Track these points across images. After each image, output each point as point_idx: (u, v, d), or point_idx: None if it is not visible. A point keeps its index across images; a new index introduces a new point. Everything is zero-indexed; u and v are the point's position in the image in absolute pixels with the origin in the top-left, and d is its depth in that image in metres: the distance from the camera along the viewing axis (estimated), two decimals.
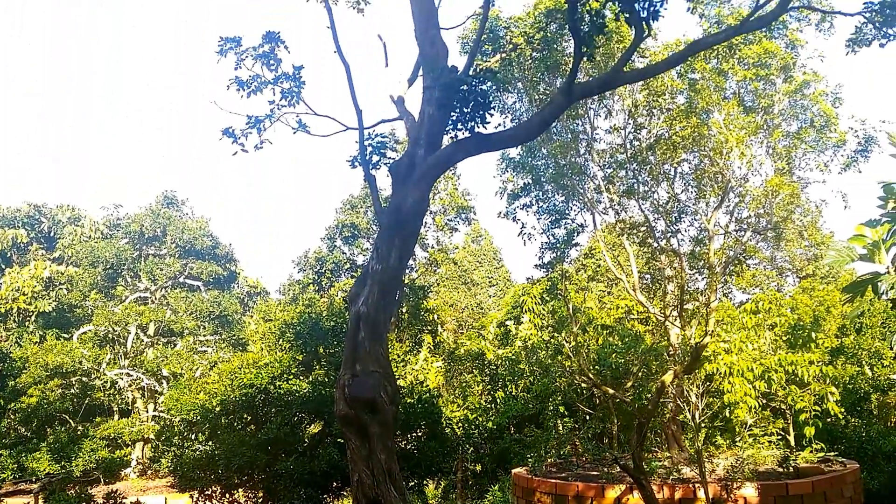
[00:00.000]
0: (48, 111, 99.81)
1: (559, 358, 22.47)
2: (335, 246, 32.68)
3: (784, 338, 21.19)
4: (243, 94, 12.67)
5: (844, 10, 11.87)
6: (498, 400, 26.28)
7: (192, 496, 16.44)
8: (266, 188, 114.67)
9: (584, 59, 9.92)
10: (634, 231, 19.29)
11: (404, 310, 28.50)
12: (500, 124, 21.24)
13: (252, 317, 35.02)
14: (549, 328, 23.69)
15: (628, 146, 18.94)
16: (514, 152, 21.19)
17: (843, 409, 18.70)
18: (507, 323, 28.39)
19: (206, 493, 15.70)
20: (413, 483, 15.54)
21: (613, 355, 21.62)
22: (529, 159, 20.78)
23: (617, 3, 8.96)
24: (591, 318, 23.66)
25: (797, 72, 18.22)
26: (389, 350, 13.88)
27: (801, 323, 21.03)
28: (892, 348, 19.62)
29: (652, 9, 8.57)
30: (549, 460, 20.45)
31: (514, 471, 20.25)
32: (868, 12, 11.11)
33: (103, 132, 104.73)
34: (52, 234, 38.30)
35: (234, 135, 12.52)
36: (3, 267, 36.19)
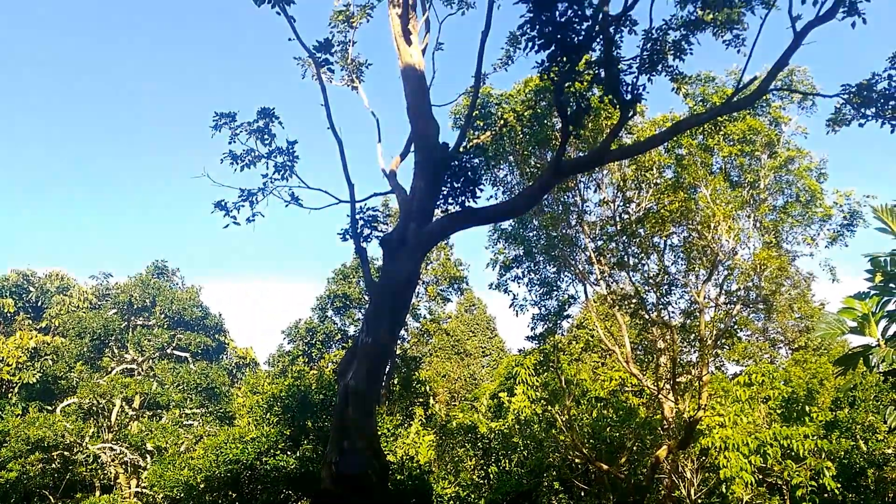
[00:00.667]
0: (38, 176, 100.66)
1: (553, 432, 22.11)
2: (326, 316, 32.47)
3: (778, 411, 20.98)
4: (237, 168, 12.91)
5: (824, 92, 12.31)
6: (491, 475, 25.64)
7: None
8: (258, 256, 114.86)
9: (572, 137, 10.19)
10: (626, 303, 19.34)
11: (395, 381, 28.14)
12: (491, 196, 21.58)
13: (240, 389, 34.43)
14: (543, 401, 23.40)
15: (618, 219, 19.20)
16: (505, 224, 21.44)
17: (839, 485, 18.35)
18: (501, 394, 28.00)
19: None
20: None
21: (608, 429, 21.31)
22: (521, 231, 21.01)
23: (601, 85, 9.26)
24: (584, 391, 23.41)
25: (781, 148, 18.71)
26: (379, 424, 13.63)
27: (795, 396, 20.86)
28: (885, 422, 19.42)
29: (635, 92, 8.86)
30: None
31: None
32: (846, 94, 11.52)
33: (96, 199, 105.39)
34: (39, 303, 37.93)
35: (226, 208, 12.69)
36: None
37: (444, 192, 12.16)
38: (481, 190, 12.20)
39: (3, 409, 30.43)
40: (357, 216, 12.28)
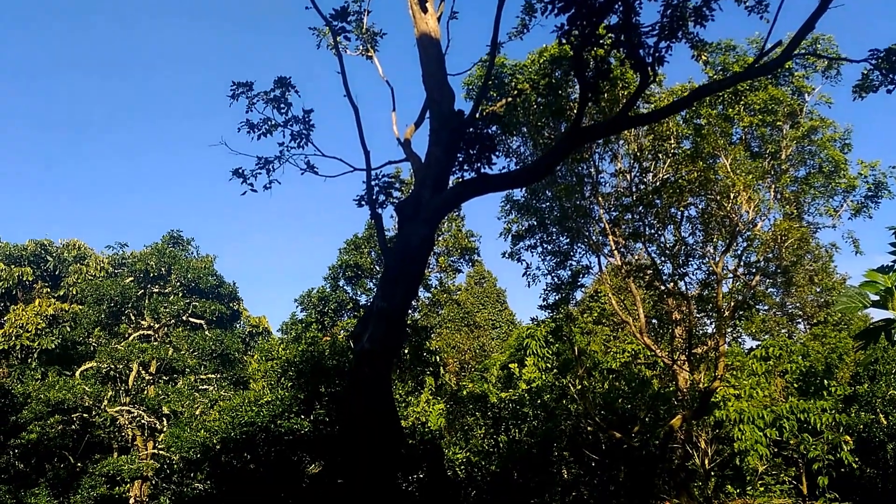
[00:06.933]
0: (52, 147, 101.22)
1: (564, 402, 22.16)
2: (338, 286, 32.51)
3: (796, 385, 20.88)
4: (254, 137, 12.88)
5: (850, 57, 11.93)
6: (501, 444, 25.81)
7: None
8: (271, 227, 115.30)
9: (590, 103, 9.99)
10: (641, 274, 19.19)
11: (406, 350, 28.24)
12: (504, 167, 21.37)
13: (253, 357, 34.74)
14: (554, 370, 23.41)
15: (634, 189, 18.97)
16: (518, 194, 21.27)
17: (857, 459, 18.28)
18: (511, 366, 28.07)
19: None
20: None
21: (620, 400, 21.31)
22: (534, 202, 20.82)
23: (621, 49, 9.03)
24: (596, 362, 23.40)
25: (804, 118, 18.32)
26: (392, 389, 13.64)
27: (813, 370, 20.71)
28: None
29: (657, 55, 8.64)
30: None
31: None
32: (874, 59, 11.18)
33: (110, 170, 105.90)
34: (57, 272, 38.31)
35: (243, 175, 12.71)
36: (8, 304, 36.17)
37: (460, 159, 12.05)
38: (497, 156, 12.07)
39: (24, 374, 30.98)
40: (372, 183, 12.21)
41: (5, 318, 34.41)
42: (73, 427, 27.59)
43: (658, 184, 18.18)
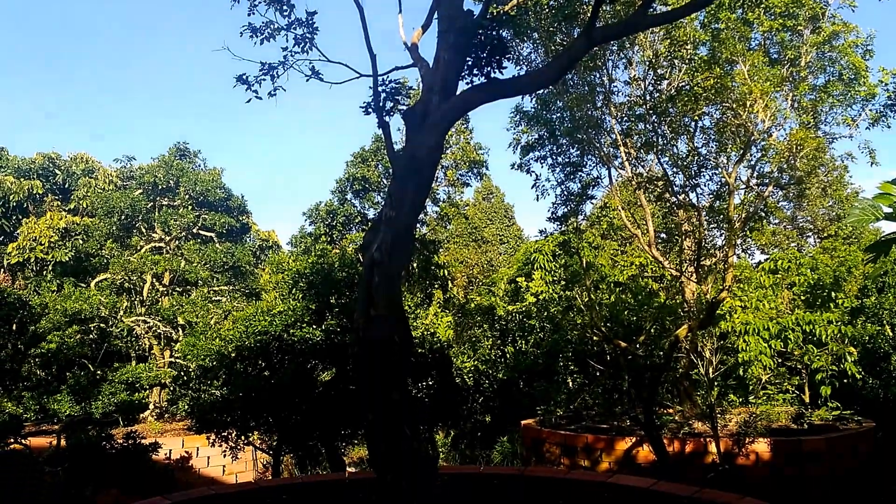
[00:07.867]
0: (54, 62, 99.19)
1: (570, 314, 22.43)
2: (346, 199, 32.54)
3: (803, 297, 20.98)
4: (256, 41, 12.48)
5: None
6: (507, 355, 26.39)
7: (208, 438, 16.77)
8: (277, 141, 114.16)
9: (605, 5, 9.56)
10: (651, 185, 18.97)
11: (415, 264, 28.46)
12: (514, 75, 20.78)
13: (265, 269, 35.18)
14: (562, 283, 23.61)
15: (648, 98, 18.49)
16: (528, 105, 20.81)
17: (861, 370, 18.55)
18: (518, 279, 28.37)
19: (223, 435, 16.01)
20: (423, 431, 15.75)
21: (626, 312, 21.54)
22: (544, 112, 20.37)
23: None
24: (603, 276, 23.54)
25: (826, 22, 17.58)
26: (402, 299, 13.78)
27: (821, 283, 20.73)
28: None
29: None
30: (559, 412, 20.58)
31: (523, 422, 20.42)
32: None
33: (113, 83, 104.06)
34: (66, 185, 38.41)
35: (248, 82, 12.36)
36: (20, 217, 36.45)
37: (469, 63, 11.67)
38: (508, 59, 11.70)
39: (40, 286, 31.56)
40: (379, 89, 11.90)
41: (18, 231, 34.78)
42: (91, 336, 28.31)
43: (673, 92, 17.70)
